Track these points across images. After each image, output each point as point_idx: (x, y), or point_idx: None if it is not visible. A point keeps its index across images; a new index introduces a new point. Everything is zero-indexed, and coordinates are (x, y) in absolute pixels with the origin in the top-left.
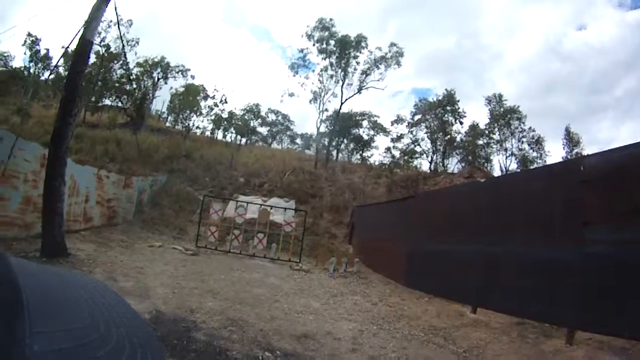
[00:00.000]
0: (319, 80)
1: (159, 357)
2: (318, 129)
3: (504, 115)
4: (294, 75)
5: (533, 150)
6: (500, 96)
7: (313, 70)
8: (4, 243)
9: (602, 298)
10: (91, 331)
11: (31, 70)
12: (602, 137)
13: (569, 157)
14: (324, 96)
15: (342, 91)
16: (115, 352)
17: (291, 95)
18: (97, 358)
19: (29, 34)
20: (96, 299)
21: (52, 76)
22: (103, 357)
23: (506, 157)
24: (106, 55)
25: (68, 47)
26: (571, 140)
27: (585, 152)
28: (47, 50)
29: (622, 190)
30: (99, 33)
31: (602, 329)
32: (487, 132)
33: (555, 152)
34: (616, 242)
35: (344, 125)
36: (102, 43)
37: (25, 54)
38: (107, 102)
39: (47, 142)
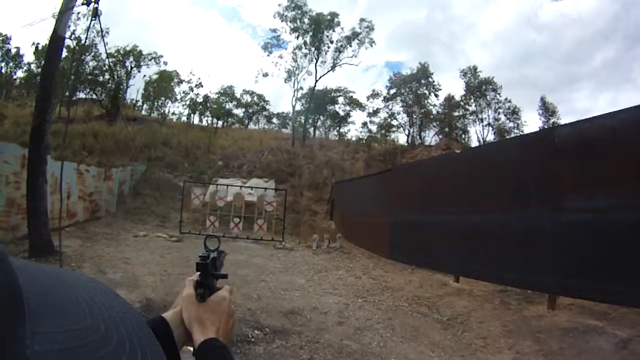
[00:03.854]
0: (292, 59)
1: (159, 358)
2: (294, 107)
3: (479, 87)
4: (268, 55)
5: (510, 121)
6: (475, 68)
7: (285, 48)
8: None
9: (580, 264)
10: (92, 331)
11: (3, 70)
12: (580, 106)
13: (545, 127)
14: (298, 75)
15: (316, 69)
16: (116, 352)
17: (265, 75)
18: (98, 359)
19: None
20: (96, 299)
21: (24, 74)
22: (104, 357)
23: (483, 128)
24: (77, 48)
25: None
26: (547, 110)
27: (561, 122)
28: (18, 48)
29: (593, 159)
30: (69, 26)
31: (581, 294)
32: (462, 103)
33: (532, 122)
34: (591, 210)
35: (319, 102)
36: (73, 36)
37: None
38: (81, 95)
39: (26, 142)
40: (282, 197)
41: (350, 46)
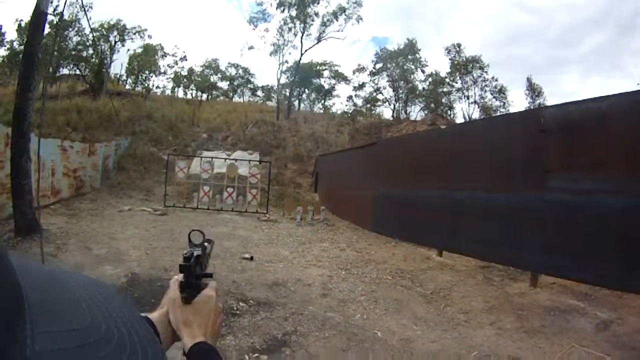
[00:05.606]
0: (279, 33)
1: (159, 357)
2: (279, 80)
3: (465, 64)
4: (254, 29)
5: (496, 99)
6: (459, 45)
7: (270, 21)
8: None
9: (563, 244)
10: (92, 331)
11: None
12: (568, 89)
13: (531, 107)
14: (284, 48)
15: (301, 42)
16: (116, 352)
17: (251, 48)
18: (99, 359)
19: None
20: (96, 298)
21: (7, 52)
22: (104, 357)
23: (469, 105)
24: (60, 23)
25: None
26: (533, 90)
27: (547, 103)
28: (0, 26)
29: (579, 142)
30: (51, 1)
31: (563, 274)
32: (448, 80)
33: (518, 102)
34: (575, 191)
35: (304, 75)
36: (55, 12)
37: None
38: (65, 71)
39: (9, 120)
40: (267, 170)
41: (337, 21)
